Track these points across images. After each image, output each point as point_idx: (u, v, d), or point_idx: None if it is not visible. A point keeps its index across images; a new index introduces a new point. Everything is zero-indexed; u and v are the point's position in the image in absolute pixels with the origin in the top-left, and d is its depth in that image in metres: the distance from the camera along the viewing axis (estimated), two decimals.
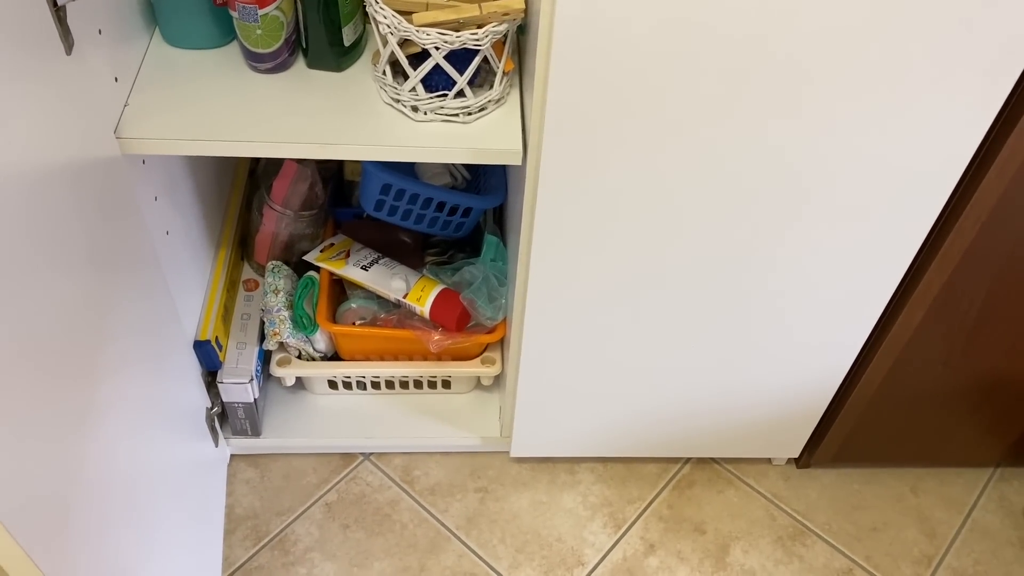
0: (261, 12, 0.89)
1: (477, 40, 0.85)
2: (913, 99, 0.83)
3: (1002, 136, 0.86)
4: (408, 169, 1.27)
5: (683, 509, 1.33)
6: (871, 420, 1.24)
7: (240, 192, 1.35)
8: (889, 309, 1.07)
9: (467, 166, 1.31)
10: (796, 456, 1.35)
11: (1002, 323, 1.08)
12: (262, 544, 1.25)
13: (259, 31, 0.90)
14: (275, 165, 1.26)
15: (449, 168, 1.29)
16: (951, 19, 0.77)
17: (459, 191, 1.28)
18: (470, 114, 0.92)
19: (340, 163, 1.36)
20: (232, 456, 1.33)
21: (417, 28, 0.84)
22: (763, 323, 1.09)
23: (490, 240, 1.20)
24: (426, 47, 0.85)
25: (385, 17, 0.85)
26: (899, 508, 1.35)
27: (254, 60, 0.94)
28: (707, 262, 1.00)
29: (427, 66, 0.87)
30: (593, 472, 1.37)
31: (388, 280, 1.21)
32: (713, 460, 1.39)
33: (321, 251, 1.26)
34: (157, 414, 0.97)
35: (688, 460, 1.39)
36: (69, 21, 0.74)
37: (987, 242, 0.96)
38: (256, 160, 1.37)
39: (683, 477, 1.37)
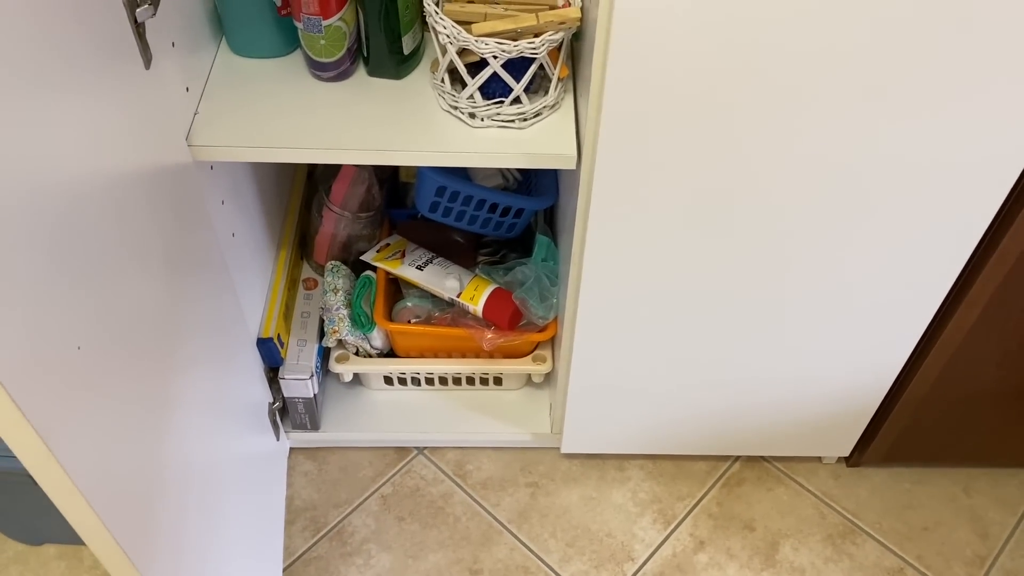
0: (325, 23, 0.92)
1: (534, 49, 0.87)
2: (968, 101, 0.84)
3: None
4: (461, 172, 1.29)
5: (732, 506, 1.35)
6: (923, 420, 1.24)
7: (299, 194, 1.39)
8: (943, 310, 1.08)
9: (519, 168, 1.33)
10: (846, 455, 1.35)
11: None
12: (320, 535, 1.30)
13: (323, 41, 0.94)
14: (333, 168, 1.30)
15: (501, 170, 1.31)
16: (1012, 17, 0.77)
17: (511, 192, 1.31)
18: (526, 120, 0.94)
19: (395, 166, 1.39)
20: (291, 449, 1.37)
21: (476, 38, 0.87)
22: (816, 323, 1.09)
23: (541, 240, 1.23)
24: (484, 56, 0.88)
25: (445, 28, 0.88)
26: (951, 508, 1.35)
27: (317, 69, 0.98)
28: (761, 265, 1.01)
29: (485, 74, 0.90)
30: (643, 469, 1.38)
31: (442, 279, 1.24)
32: (763, 458, 1.40)
33: (378, 251, 1.30)
34: (224, 408, 1.02)
35: (737, 458, 1.40)
36: (147, 36, 0.78)
37: None
38: (314, 163, 1.41)
39: (732, 475, 1.38)
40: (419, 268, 1.26)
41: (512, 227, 1.26)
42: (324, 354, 1.30)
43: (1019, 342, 1.10)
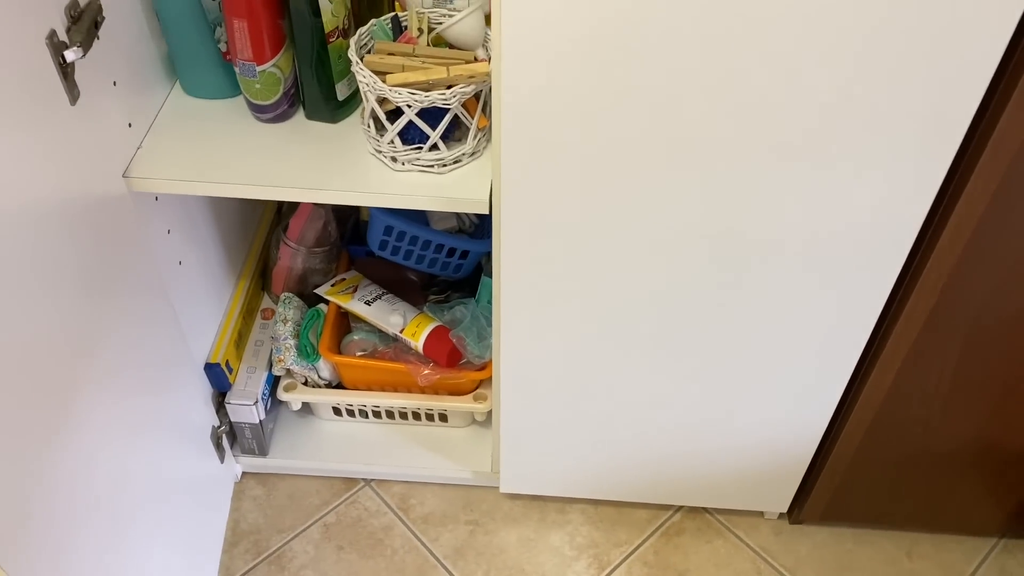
0: (259, 69, 0.98)
1: (446, 99, 0.92)
2: (863, 163, 0.86)
3: (953, 199, 0.88)
4: (418, 213, 1.34)
5: (669, 556, 1.35)
6: (857, 478, 1.24)
7: (266, 229, 1.45)
8: (860, 369, 1.09)
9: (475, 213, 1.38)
10: (785, 510, 1.35)
11: (977, 388, 1.07)
12: (261, 558, 1.33)
13: (258, 85, 1.00)
14: (297, 205, 1.36)
15: (457, 214, 1.36)
16: (894, 81, 0.80)
17: (465, 235, 1.35)
18: (444, 166, 0.99)
19: (357, 206, 1.45)
20: (243, 474, 1.41)
21: (391, 87, 0.92)
22: (736, 377, 1.11)
23: (485, 282, 1.27)
24: (399, 104, 0.93)
25: (364, 77, 0.93)
26: (892, 571, 1.34)
27: (256, 111, 1.04)
28: (670, 320, 1.04)
29: (401, 122, 0.95)
30: (584, 514, 1.40)
31: (388, 315, 1.29)
32: (705, 510, 1.40)
33: (332, 285, 1.35)
34: (157, 429, 1.06)
35: (680, 508, 1.40)
36: (78, 75, 0.85)
37: (951, 305, 0.97)
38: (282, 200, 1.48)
39: (673, 525, 1.39)
40: (367, 303, 1.31)
41: (459, 268, 1.30)
42: (274, 382, 1.35)
43: (942, 404, 1.10)
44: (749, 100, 0.82)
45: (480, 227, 1.39)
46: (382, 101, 0.96)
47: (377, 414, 1.39)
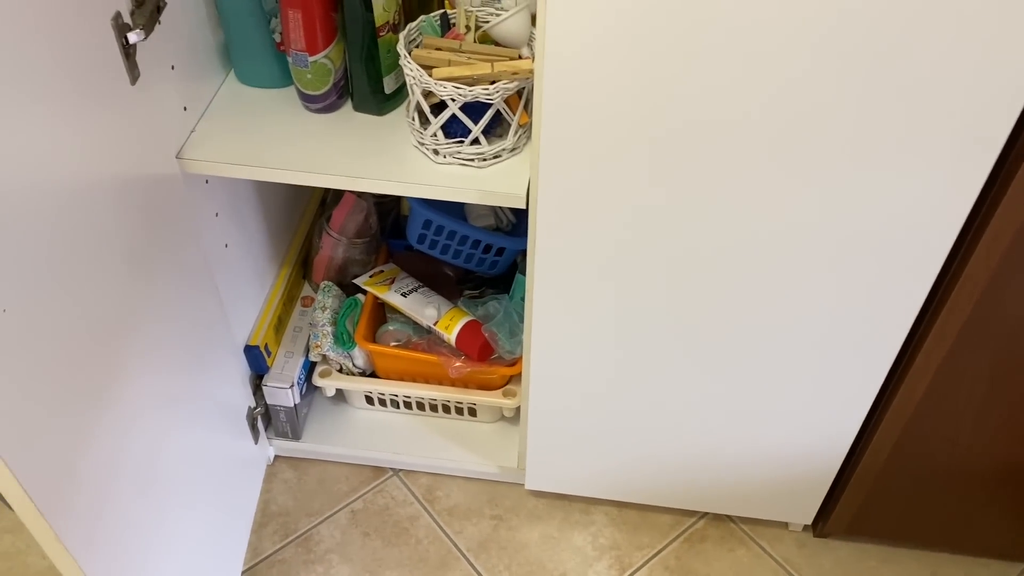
0: (311, 59, 1.02)
1: (489, 95, 0.95)
2: (899, 169, 0.87)
3: (990, 210, 0.88)
4: (457, 209, 1.37)
5: (690, 562, 1.35)
6: (884, 493, 1.23)
7: (310, 219, 1.49)
8: (890, 382, 1.08)
9: (513, 210, 1.40)
10: (810, 523, 1.34)
11: (1010, 407, 1.07)
12: (289, 540, 1.36)
13: (309, 75, 1.03)
14: (340, 197, 1.39)
15: (495, 210, 1.38)
16: (935, 85, 0.80)
17: (503, 233, 1.38)
18: (485, 160, 1.01)
19: (398, 199, 1.48)
20: (276, 457, 1.45)
21: (436, 81, 0.95)
22: (764, 384, 1.12)
23: (519, 279, 1.29)
24: (443, 98, 0.96)
25: (411, 70, 0.96)
26: None
27: (306, 100, 1.07)
28: (701, 326, 1.05)
29: (445, 115, 0.97)
30: (607, 515, 1.41)
31: (423, 307, 1.31)
32: (729, 518, 1.40)
33: (370, 276, 1.38)
34: (195, 405, 1.10)
35: (704, 515, 1.41)
36: (139, 57, 0.89)
37: (984, 320, 0.97)
38: (327, 191, 1.51)
39: (696, 531, 1.39)
40: (404, 295, 1.33)
41: (495, 264, 1.32)
42: (310, 368, 1.38)
43: (972, 422, 1.10)
44: (788, 103, 0.83)
45: (517, 225, 1.41)
46: (427, 95, 0.98)
47: (408, 405, 1.41)
